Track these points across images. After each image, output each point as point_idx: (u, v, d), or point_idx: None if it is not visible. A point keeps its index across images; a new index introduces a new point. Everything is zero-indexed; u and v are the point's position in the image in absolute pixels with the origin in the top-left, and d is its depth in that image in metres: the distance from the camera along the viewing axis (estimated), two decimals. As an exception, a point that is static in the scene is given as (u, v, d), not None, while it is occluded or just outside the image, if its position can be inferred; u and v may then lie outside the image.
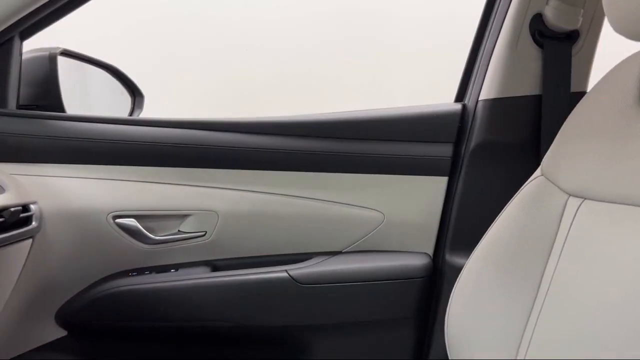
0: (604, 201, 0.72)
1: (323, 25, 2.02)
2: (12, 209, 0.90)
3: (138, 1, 1.46)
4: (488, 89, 1.14)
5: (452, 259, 1.13)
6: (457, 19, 1.26)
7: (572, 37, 1.11)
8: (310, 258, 1.16)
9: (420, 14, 2.02)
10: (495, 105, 1.14)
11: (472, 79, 1.19)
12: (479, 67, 1.18)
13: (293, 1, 1.97)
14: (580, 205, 0.76)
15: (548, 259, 0.81)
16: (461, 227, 1.16)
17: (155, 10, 1.66)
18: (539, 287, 0.81)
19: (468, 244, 0.93)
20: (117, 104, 1.30)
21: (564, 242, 0.80)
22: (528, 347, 0.80)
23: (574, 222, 0.78)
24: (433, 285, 1.15)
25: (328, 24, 2.01)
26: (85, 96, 1.25)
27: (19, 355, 1.10)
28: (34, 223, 0.96)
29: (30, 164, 1.05)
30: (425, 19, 2.03)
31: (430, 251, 1.20)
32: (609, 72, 0.85)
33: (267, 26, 1.93)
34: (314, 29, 2.01)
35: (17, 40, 1.04)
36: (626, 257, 0.65)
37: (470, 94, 1.19)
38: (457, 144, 1.18)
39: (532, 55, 1.12)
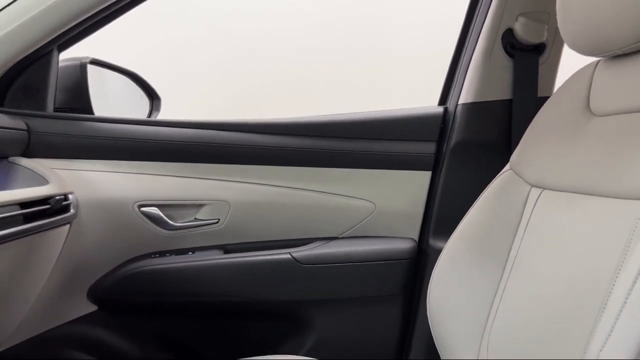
0: (559, 190, 0.86)
1: (324, 34, 2.14)
2: (57, 198, 1.04)
3: (158, 21, 1.57)
4: (466, 94, 1.28)
5: (435, 242, 1.26)
6: (454, 26, 1.38)
7: (539, 49, 1.24)
8: (310, 242, 1.28)
9: (418, 21, 2.12)
10: (473, 108, 1.27)
11: (453, 85, 1.32)
12: (458, 74, 1.31)
13: (296, 13, 2.09)
14: (540, 194, 0.90)
15: (513, 239, 0.95)
16: (443, 215, 1.28)
17: (173, 24, 1.76)
18: (505, 263, 0.95)
19: (449, 229, 1.05)
20: (137, 106, 1.42)
21: (527, 225, 0.94)
22: (496, 313, 0.94)
23: (534, 209, 0.92)
24: (418, 266, 1.27)
25: (329, 33, 2.13)
26: (110, 99, 1.37)
27: (55, 327, 1.22)
28: (72, 210, 1.07)
29: (67, 159, 1.17)
30: (423, 25, 2.12)
31: (416, 236, 1.32)
32: (566, 81, 0.98)
33: (273, 36, 2.05)
34: (316, 37, 2.12)
35: (55, 52, 1.16)
36: (575, 236, 0.79)
37: (451, 98, 1.32)
38: (440, 142, 1.30)
39: (504, 65, 1.25)
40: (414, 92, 1.47)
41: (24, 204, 0.94)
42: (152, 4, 1.19)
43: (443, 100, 1.35)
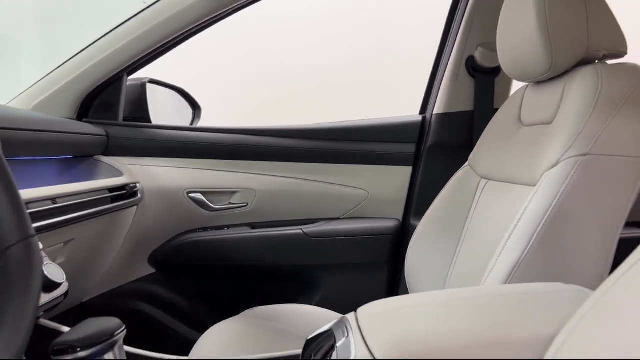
0: (497, 181, 1.17)
1: (338, 45, 2.43)
2: (130, 186, 1.38)
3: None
4: (439, 106, 1.58)
5: (414, 222, 1.55)
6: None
7: (494, 71, 1.54)
8: (317, 221, 1.58)
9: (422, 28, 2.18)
10: (444, 117, 1.58)
11: (430, 99, 1.63)
12: (433, 91, 1.62)
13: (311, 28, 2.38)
14: (485, 184, 1.22)
15: (467, 218, 1.26)
16: (420, 201, 1.57)
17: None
18: (460, 236, 1.26)
19: (425, 211, 1.31)
20: (183, 115, 1.73)
21: (475, 208, 1.25)
22: (452, 270, 1.25)
23: (482, 195, 1.23)
24: (401, 240, 1.57)
25: (343, 43, 2.42)
26: (163, 110, 1.68)
27: (125, 284, 1.54)
28: (139, 195, 1.40)
29: (135, 157, 1.49)
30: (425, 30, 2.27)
31: (400, 217, 1.62)
32: (508, 99, 1.30)
33: (292, 54, 2.34)
34: (331, 50, 2.41)
35: (125, 76, 1.48)
36: (501, 212, 1.09)
37: (428, 109, 1.63)
38: (419, 144, 1.60)
39: (468, 84, 1.55)
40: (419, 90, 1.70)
41: (111, 189, 1.29)
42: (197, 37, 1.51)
43: (422, 110, 1.66)
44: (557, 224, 0.90)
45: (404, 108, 1.71)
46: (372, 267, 1.58)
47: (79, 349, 0.66)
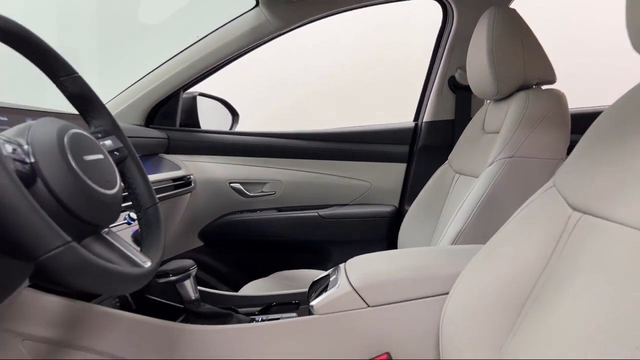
0: (466, 175, 1.54)
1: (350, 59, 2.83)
2: (186, 177, 1.80)
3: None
4: (427, 115, 1.96)
5: (407, 207, 1.86)
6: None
7: (470, 88, 1.90)
8: (330, 206, 1.95)
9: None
10: (431, 124, 1.95)
11: (421, 109, 2.00)
12: (423, 103, 2.00)
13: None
14: (459, 177, 1.59)
15: (444, 204, 1.63)
16: (412, 191, 1.92)
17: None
18: (439, 217, 1.61)
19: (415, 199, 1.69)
20: (224, 121, 2.14)
21: (450, 196, 1.62)
22: (431, 242, 1.62)
23: (455, 186, 1.60)
24: (396, 221, 1.93)
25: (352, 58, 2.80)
26: (209, 117, 2.08)
27: (179, 254, 1.92)
28: (192, 185, 1.78)
29: (188, 155, 1.89)
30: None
31: (396, 203, 1.99)
32: (478, 112, 1.67)
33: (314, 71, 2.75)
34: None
35: (181, 92, 1.89)
36: (463, 195, 1.46)
37: (420, 117, 2.00)
38: (412, 145, 1.97)
39: (450, 98, 1.92)
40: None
41: (173, 180, 1.70)
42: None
43: (416, 118, 2.04)
44: (487, 207, 1.28)
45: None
46: (373, 242, 1.93)
47: (170, 275, 1.08)
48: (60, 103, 0.93)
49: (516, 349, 0.74)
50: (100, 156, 0.74)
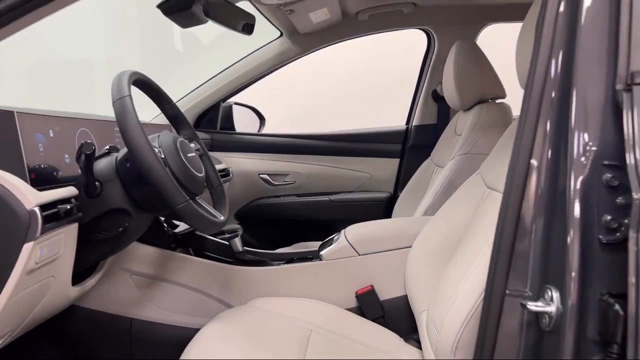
0: (442, 167, 2.03)
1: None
2: (227, 169, 2.31)
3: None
4: (416, 120, 2.43)
5: (399, 193, 2.35)
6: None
7: None
8: (338, 193, 2.42)
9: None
10: (419, 127, 2.42)
11: (411, 115, 2.48)
12: (413, 110, 2.48)
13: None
14: (437, 169, 2.09)
15: (425, 190, 2.12)
16: (403, 181, 2.37)
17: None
18: (422, 198, 2.12)
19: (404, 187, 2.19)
20: (253, 125, 2.64)
21: (430, 181, 2.11)
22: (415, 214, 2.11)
23: (434, 175, 2.09)
24: (391, 204, 2.38)
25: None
26: (241, 122, 2.57)
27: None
28: (230, 175, 2.28)
29: (227, 152, 2.37)
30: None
31: (391, 190, 2.46)
32: (453, 118, 2.15)
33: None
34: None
35: (221, 102, 2.40)
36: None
37: (410, 121, 2.48)
38: (403, 144, 2.45)
39: (433, 107, 2.39)
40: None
41: (219, 171, 2.21)
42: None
43: (407, 122, 2.51)
44: (447, 190, 1.77)
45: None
46: (372, 221, 2.43)
47: (226, 233, 1.59)
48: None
49: (446, 277, 1.09)
50: (194, 154, 1.26)
